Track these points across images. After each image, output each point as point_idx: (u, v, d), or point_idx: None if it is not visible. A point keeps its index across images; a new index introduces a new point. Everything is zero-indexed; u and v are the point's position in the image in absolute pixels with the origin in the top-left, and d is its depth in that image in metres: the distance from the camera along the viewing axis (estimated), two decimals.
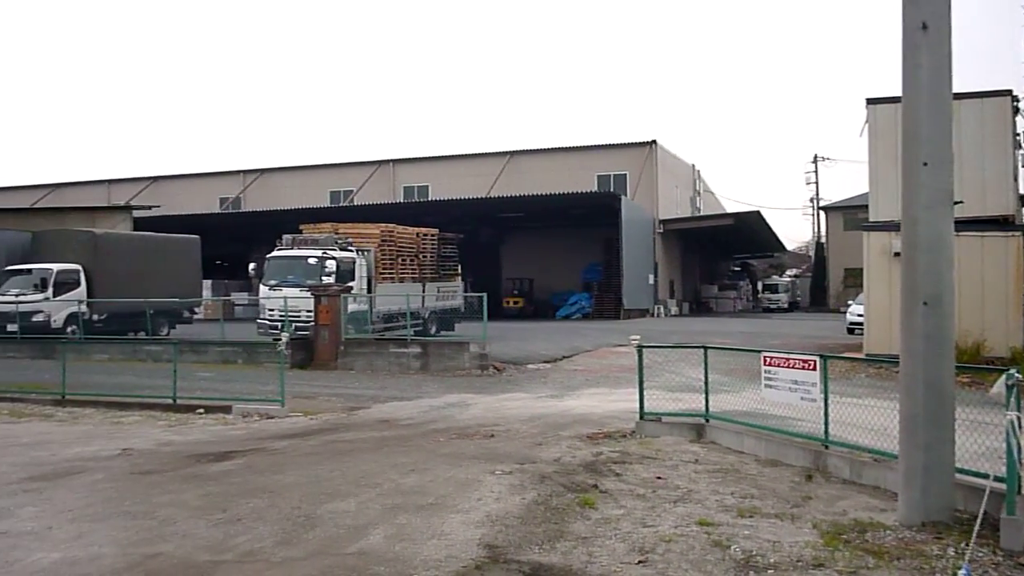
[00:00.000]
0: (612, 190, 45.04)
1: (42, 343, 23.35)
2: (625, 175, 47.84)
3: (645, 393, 10.64)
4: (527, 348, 23.73)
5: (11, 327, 24.64)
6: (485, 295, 20.63)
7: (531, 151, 51.61)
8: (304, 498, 7.57)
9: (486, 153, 52.29)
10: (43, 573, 5.66)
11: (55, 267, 25.86)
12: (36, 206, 46.77)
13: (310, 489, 7.93)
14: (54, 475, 8.82)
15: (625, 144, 48.84)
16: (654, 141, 47.76)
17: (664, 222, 46.99)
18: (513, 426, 11.74)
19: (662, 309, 45.55)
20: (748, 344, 20.09)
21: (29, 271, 26.15)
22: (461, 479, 8.27)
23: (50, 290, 25.34)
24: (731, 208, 59.08)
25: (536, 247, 49.23)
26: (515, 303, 46.27)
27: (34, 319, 24.86)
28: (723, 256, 65.39)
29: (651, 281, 44.94)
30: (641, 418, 10.67)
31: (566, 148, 50.91)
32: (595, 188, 46.35)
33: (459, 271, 30.46)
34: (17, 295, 25.16)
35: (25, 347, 23.69)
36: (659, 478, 8.16)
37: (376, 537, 6.36)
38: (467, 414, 13.34)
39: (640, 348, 10.92)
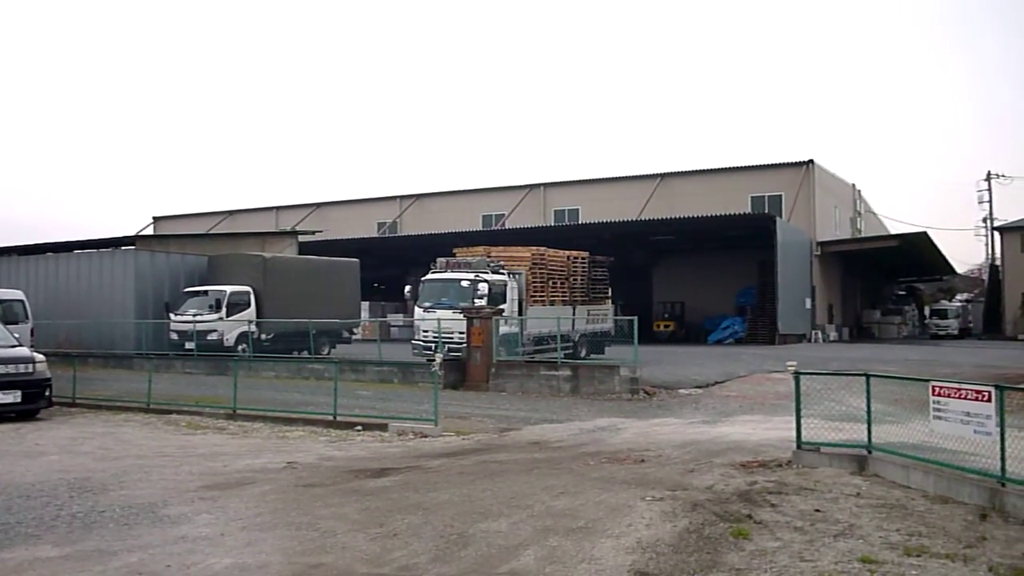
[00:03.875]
0: (767, 211, 43.96)
1: (215, 360, 24.91)
2: (780, 196, 46.56)
3: (803, 422, 10.26)
4: (678, 372, 23.37)
5: (188, 345, 26.41)
6: (636, 318, 20.51)
7: (682, 173, 51.03)
8: (457, 516, 7.72)
9: (637, 176, 52.09)
10: None
11: (228, 289, 27.52)
12: (212, 232, 49.90)
13: (463, 508, 8.09)
14: (227, 485, 9.36)
15: (780, 164, 47.59)
16: (811, 160, 46.31)
17: (822, 244, 45.38)
18: (664, 451, 11.58)
19: (820, 335, 43.85)
20: (915, 373, 19.04)
21: (205, 292, 27.92)
22: (612, 503, 8.23)
23: (223, 310, 26.94)
24: (895, 229, 56.35)
25: (688, 270, 48.50)
26: (666, 327, 45.68)
27: (209, 337, 26.52)
28: (887, 280, 62.45)
29: (808, 305, 43.39)
30: (798, 447, 10.31)
31: (718, 169, 50.06)
32: (749, 209, 45.37)
33: (609, 294, 30.38)
34: (194, 315, 26.92)
35: (201, 363, 25.28)
36: (818, 511, 7.85)
37: (528, 558, 6.41)
38: (618, 438, 13.26)
39: (798, 374, 10.57)
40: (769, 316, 40.52)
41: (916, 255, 49.85)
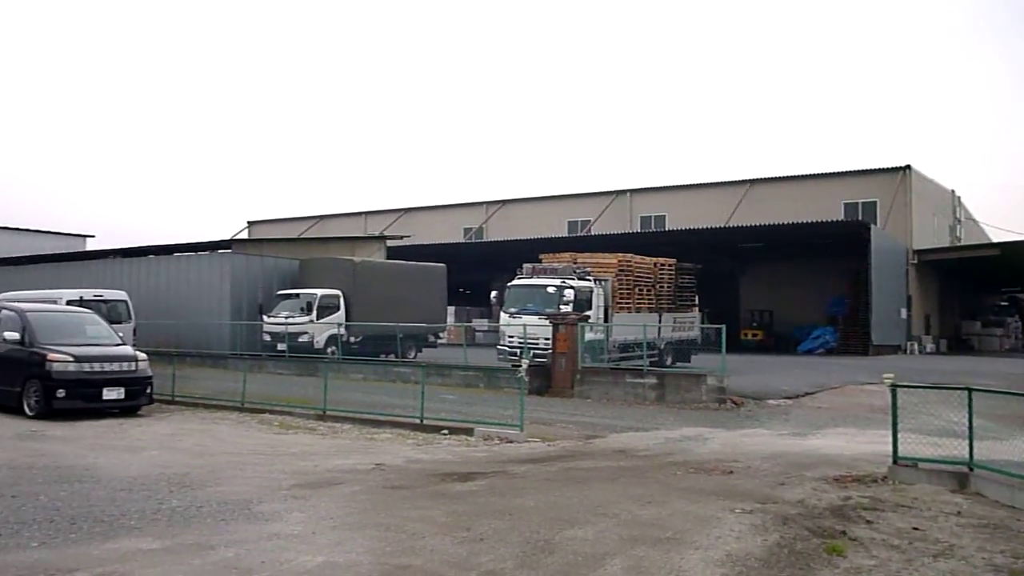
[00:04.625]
0: (860, 218, 42.75)
1: (306, 362, 25.51)
2: (875, 202, 45.28)
3: (899, 436, 9.95)
4: (767, 382, 22.92)
5: (280, 346, 27.13)
6: (724, 327, 20.19)
7: (772, 179, 50.10)
8: (543, 523, 7.72)
9: (725, 182, 51.31)
10: (308, 574, 6.13)
11: (319, 292, 28.16)
12: (303, 236, 51.12)
13: (549, 514, 8.09)
14: (317, 484, 9.56)
15: (875, 170, 46.26)
16: (908, 166, 44.90)
17: (919, 252, 43.92)
18: (753, 463, 11.37)
19: (915, 346, 42.40)
20: (1018, 387, 18.28)
21: (297, 295, 28.65)
22: (699, 515, 8.12)
23: (314, 313, 27.60)
24: (997, 237, 54.09)
25: (777, 278, 47.53)
26: (754, 335, 44.88)
27: (300, 339, 27.18)
28: (988, 289, 60.01)
29: (903, 316, 42.04)
30: (894, 462, 9.99)
31: (810, 175, 49.00)
32: (842, 216, 44.19)
33: (696, 302, 30.04)
34: (286, 317, 27.63)
35: (292, 364, 25.93)
36: (916, 529, 7.60)
37: (614, 568, 6.37)
38: (705, 448, 13.07)
39: (894, 387, 10.25)
40: (862, 326, 39.41)
41: (1019, 264, 47.74)
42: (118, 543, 6.90)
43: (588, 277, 24.55)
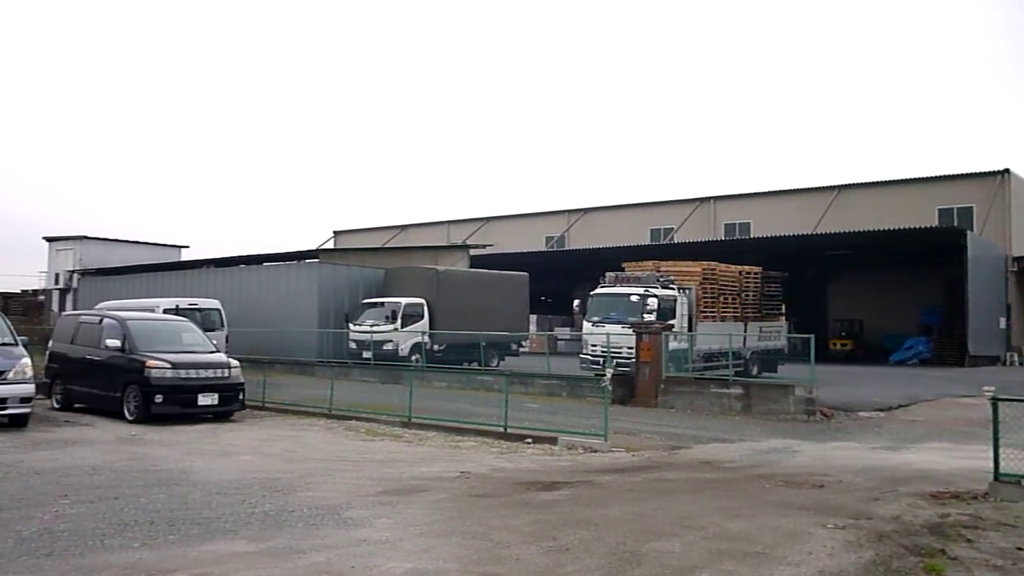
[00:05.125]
0: (955, 224, 41.33)
1: (391, 369, 25.88)
2: (971, 208, 43.75)
3: (1001, 451, 9.56)
4: (858, 394, 22.33)
5: (366, 354, 27.57)
6: (812, 336, 19.74)
7: (861, 184, 48.84)
8: (628, 534, 7.66)
9: (811, 188, 50.26)
10: None
11: (403, 301, 28.56)
12: (387, 245, 51.93)
13: (634, 525, 8.02)
14: (403, 491, 9.68)
15: (971, 174, 44.73)
16: (1007, 170, 43.28)
17: (1018, 260, 42.19)
18: (844, 477, 11.07)
19: (1016, 357, 40.68)
20: None
21: (381, 304, 29.10)
22: (789, 529, 7.95)
23: (399, 321, 27.98)
24: None
25: (866, 286, 46.30)
26: (843, 345, 43.80)
27: (385, 347, 27.59)
28: None
29: (1002, 325, 40.41)
30: (996, 479, 9.59)
31: (901, 180, 47.60)
32: (936, 223, 42.81)
33: (782, 311, 29.50)
34: (372, 325, 28.09)
35: (377, 372, 26.31)
36: (1020, 549, 7.29)
37: None
38: (793, 461, 12.80)
39: (995, 400, 9.85)
40: (958, 337, 38.07)
41: None
42: (214, 545, 7.11)
43: (672, 285, 24.33)
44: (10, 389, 14.37)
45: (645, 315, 22.66)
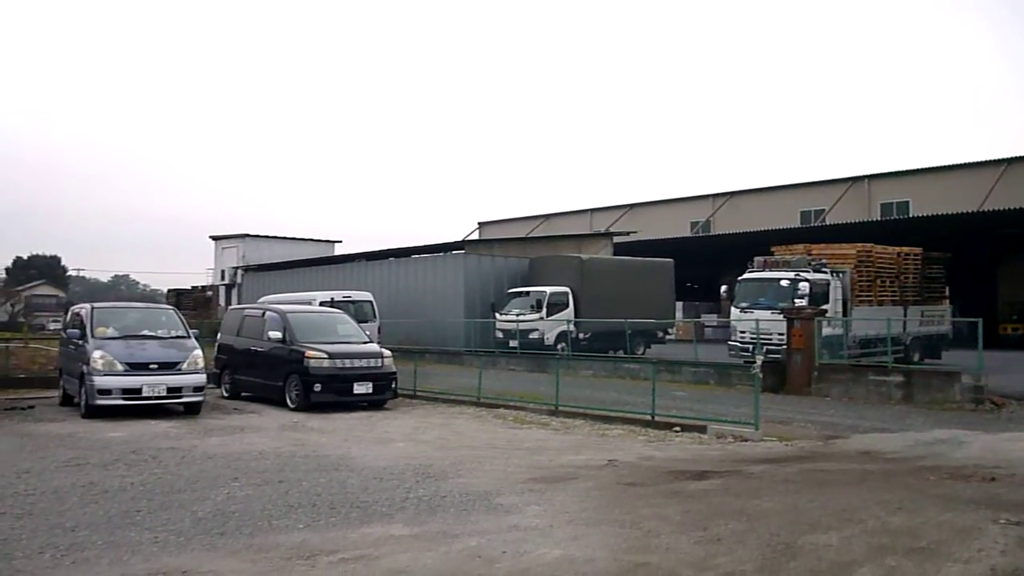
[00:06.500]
0: None
1: (537, 358, 26.12)
2: None
3: None
4: None
5: (512, 343, 27.93)
6: (980, 320, 18.60)
7: None
8: (783, 526, 7.46)
9: (976, 163, 47.10)
10: (547, 567, 6.28)
11: (548, 290, 28.74)
12: (531, 235, 52.28)
13: (788, 517, 7.81)
14: (552, 479, 9.77)
15: None
16: None
17: None
18: (1019, 470, 10.39)
19: None
20: None
21: (527, 293, 29.39)
22: (957, 524, 7.53)
23: (544, 310, 28.19)
24: None
25: None
26: (1015, 330, 40.98)
27: (530, 336, 27.87)
28: None
29: None
30: None
31: None
32: None
33: (946, 294, 27.92)
34: (517, 315, 28.42)
35: (523, 361, 26.62)
36: None
37: None
38: (961, 452, 12.11)
39: None
40: None
41: None
42: (372, 528, 7.40)
43: (824, 269, 23.46)
44: (184, 379, 15.43)
45: (796, 300, 21.95)
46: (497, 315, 29.14)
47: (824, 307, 22.22)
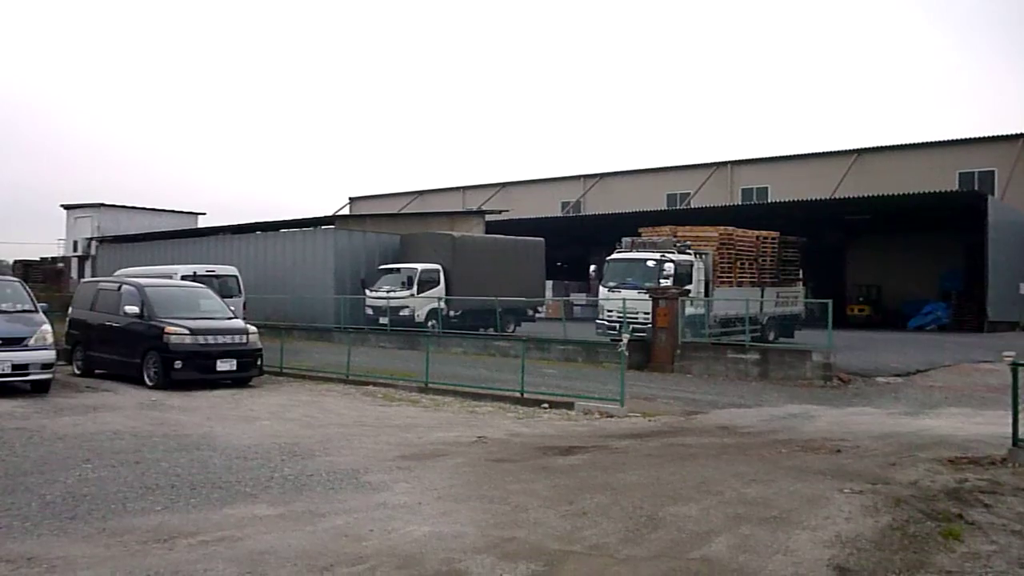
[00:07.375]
0: (976, 189, 40.83)
1: (407, 335, 26.00)
2: (992, 172, 43.29)
3: (1021, 417, 9.51)
4: (875, 359, 22.26)
5: (382, 320, 27.69)
6: (830, 301, 19.63)
7: (881, 148, 48.29)
8: (646, 498, 7.70)
9: (830, 152, 49.71)
10: (416, 543, 6.27)
11: (419, 267, 28.60)
12: (403, 211, 51.88)
13: (651, 490, 8.06)
14: (421, 456, 9.75)
15: (992, 137, 44.19)
16: None
17: None
18: (862, 442, 11.07)
19: None
20: None
21: (398, 270, 29.17)
22: (807, 494, 7.96)
23: (415, 287, 28.05)
24: None
25: (885, 252, 45.89)
26: (861, 311, 43.56)
27: (401, 313, 27.68)
28: None
29: (1022, 291, 40.02)
30: (1015, 444, 9.55)
31: (921, 144, 46.99)
32: (956, 187, 42.31)
33: (800, 276, 29.32)
34: (388, 291, 28.17)
35: (393, 338, 26.44)
36: None
37: (719, 545, 6.31)
38: (811, 426, 12.79)
39: (1015, 365, 9.77)
40: (977, 302, 37.73)
41: None
42: (235, 509, 7.20)
43: (688, 251, 24.22)
44: (31, 356, 14.51)
45: (662, 280, 22.58)
46: (367, 292, 28.81)
47: (688, 287, 22.96)
